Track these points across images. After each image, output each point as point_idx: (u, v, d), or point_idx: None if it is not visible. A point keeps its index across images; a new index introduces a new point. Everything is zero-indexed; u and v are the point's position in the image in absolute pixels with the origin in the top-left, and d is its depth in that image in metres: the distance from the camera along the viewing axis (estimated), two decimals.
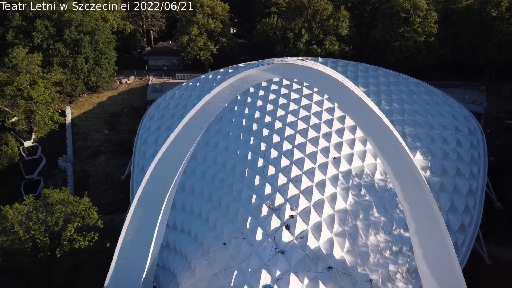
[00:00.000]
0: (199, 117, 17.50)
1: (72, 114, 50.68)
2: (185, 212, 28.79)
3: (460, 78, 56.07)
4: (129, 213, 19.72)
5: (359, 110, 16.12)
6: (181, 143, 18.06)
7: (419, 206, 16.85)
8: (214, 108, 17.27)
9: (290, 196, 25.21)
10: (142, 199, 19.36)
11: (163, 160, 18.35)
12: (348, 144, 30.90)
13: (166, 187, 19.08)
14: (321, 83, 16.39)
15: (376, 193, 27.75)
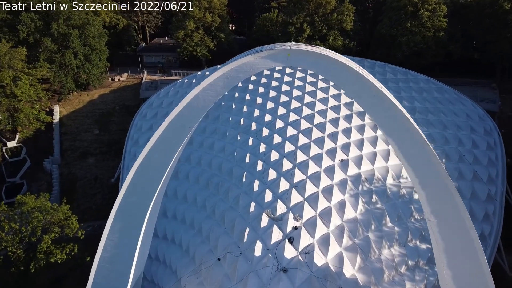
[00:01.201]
0: (187, 114, 14.69)
1: (61, 113, 47.82)
2: (176, 220, 25.96)
3: (469, 76, 53.33)
4: (106, 227, 16.90)
5: (379, 106, 13.32)
6: (166, 145, 15.25)
7: (449, 221, 14.06)
8: (204, 103, 14.46)
9: (293, 204, 22.40)
10: (121, 210, 16.57)
11: (144, 165, 15.55)
12: (356, 145, 28.13)
13: (149, 196, 16.27)
14: (332, 72, 13.59)
15: (389, 200, 24.95)
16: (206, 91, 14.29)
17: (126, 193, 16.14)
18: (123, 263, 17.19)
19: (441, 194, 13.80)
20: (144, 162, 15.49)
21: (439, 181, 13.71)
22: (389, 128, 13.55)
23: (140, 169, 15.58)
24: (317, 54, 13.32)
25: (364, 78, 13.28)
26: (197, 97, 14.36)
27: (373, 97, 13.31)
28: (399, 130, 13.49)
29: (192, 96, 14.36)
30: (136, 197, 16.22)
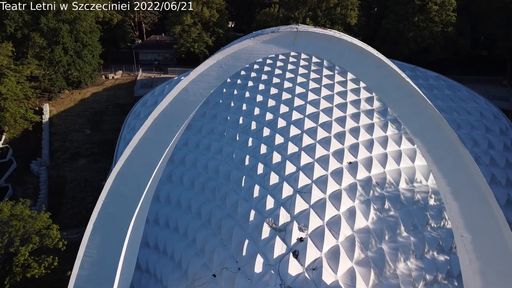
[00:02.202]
0: (174, 110, 12.38)
1: (51, 112, 45.48)
2: (169, 229, 23.64)
3: (478, 73, 51.05)
4: (82, 243, 14.58)
5: (405, 100, 11.02)
6: (150, 148, 12.93)
7: (488, 238, 11.74)
8: (195, 97, 12.15)
9: (297, 212, 20.10)
10: (100, 222, 14.24)
11: (124, 172, 13.25)
12: (366, 146, 25.81)
13: (131, 206, 13.96)
14: (348, 60, 11.29)
15: (403, 206, 22.63)
16: (196, 83, 12.00)
17: (105, 203, 13.82)
18: (104, 283, 14.85)
19: (478, 207, 11.50)
20: (124, 168, 13.19)
21: (476, 191, 11.40)
22: (416, 126, 11.24)
23: (119, 176, 13.27)
24: (329, 37, 11.04)
25: (387, 66, 10.99)
26: (186, 91, 12.06)
27: (398, 89, 11.01)
28: (428, 129, 11.19)
29: (179, 90, 12.06)
30: (116, 208, 13.90)
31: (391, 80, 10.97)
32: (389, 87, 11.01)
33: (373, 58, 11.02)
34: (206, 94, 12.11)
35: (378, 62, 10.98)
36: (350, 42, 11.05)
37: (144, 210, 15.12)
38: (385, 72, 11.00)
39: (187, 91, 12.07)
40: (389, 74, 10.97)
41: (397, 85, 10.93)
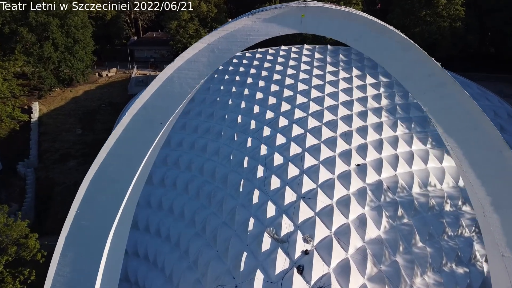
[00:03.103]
0: (157, 104, 10.33)
1: (40, 111, 43.42)
2: (160, 237, 21.59)
3: (486, 70, 49.01)
4: (54, 259, 12.52)
5: (437, 91, 8.98)
6: (130, 148, 10.87)
7: None
8: (182, 88, 10.10)
9: (302, 221, 18.04)
10: (73, 237, 12.19)
11: (100, 177, 11.18)
12: (374, 146, 23.76)
13: (109, 217, 11.88)
14: (367, 41, 9.26)
15: (417, 213, 20.56)
16: (183, 71, 9.96)
17: (78, 215, 11.77)
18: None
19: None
20: (99, 174, 11.14)
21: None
22: (451, 124, 9.19)
23: (94, 183, 11.23)
24: (345, 14, 9.01)
25: (415, 49, 8.96)
26: (171, 81, 10.02)
27: (429, 78, 8.97)
28: (466, 128, 9.14)
29: (163, 79, 10.01)
30: (92, 220, 11.83)
31: (421, 66, 8.94)
32: (417, 75, 8.97)
33: (398, 40, 9.00)
34: (195, 84, 10.06)
35: (404, 44, 8.97)
36: (370, 20, 9.03)
37: (126, 221, 13.03)
38: (413, 56, 8.98)
39: (172, 81, 10.04)
40: (418, 59, 8.96)
41: (428, 72, 8.91)
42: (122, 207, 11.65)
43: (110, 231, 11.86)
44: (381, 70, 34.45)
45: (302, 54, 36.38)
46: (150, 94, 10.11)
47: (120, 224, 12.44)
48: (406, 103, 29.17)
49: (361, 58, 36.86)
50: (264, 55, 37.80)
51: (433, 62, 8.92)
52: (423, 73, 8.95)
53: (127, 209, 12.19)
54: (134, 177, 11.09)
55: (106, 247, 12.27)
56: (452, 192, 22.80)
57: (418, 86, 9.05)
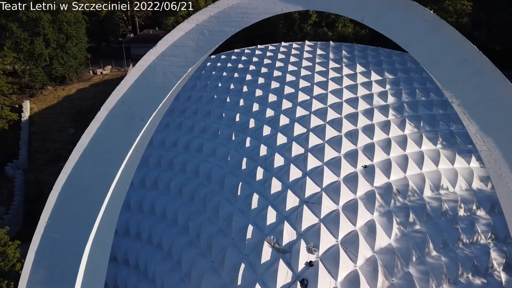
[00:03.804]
0: (137, 97, 8.74)
1: (31, 109, 41.82)
2: (152, 245, 20.01)
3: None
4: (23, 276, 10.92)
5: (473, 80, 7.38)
6: (107, 149, 9.28)
7: None
8: (166, 78, 8.50)
9: (305, 228, 16.47)
10: (44, 251, 10.60)
11: (73, 182, 9.60)
12: (382, 147, 22.21)
13: (85, 228, 10.29)
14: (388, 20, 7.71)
15: (429, 219, 18.98)
16: (167, 58, 8.38)
17: (49, 226, 10.20)
18: None
19: None
20: (72, 179, 9.56)
21: None
22: (489, 121, 7.58)
23: (66, 190, 9.65)
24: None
25: (447, 29, 7.40)
26: (153, 69, 8.45)
27: (463, 64, 7.40)
28: (507, 124, 7.53)
29: (144, 67, 8.43)
30: (65, 231, 10.24)
31: (453, 49, 7.37)
32: (449, 61, 7.38)
33: (425, 18, 7.43)
34: (181, 73, 8.47)
35: (433, 23, 7.40)
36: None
37: (107, 232, 11.41)
38: (443, 37, 7.41)
39: (155, 69, 8.47)
40: (450, 41, 7.39)
41: (462, 57, 7.34)
42: (100, 216, 10.06)
43: (87, 244, 10.26)
44: (386, 66, 32.95)
45: (303, 51, 34.91)
46: (129, 85, 8.55)
47: (100, 236, 10.81)
48: (414, 100, 27.71)
49: (365, 55, 35.36)
50: (263, 52, 36.38)
51: (468, 45, 7.36)
52: (456, 59, 7.39)
53: (107, 218, 10.58)
54: (112, 182, 9.50)
55: (83, 262, 10.66)
56: (466, 196, 21.26)
57: (449, 74, 7.44)
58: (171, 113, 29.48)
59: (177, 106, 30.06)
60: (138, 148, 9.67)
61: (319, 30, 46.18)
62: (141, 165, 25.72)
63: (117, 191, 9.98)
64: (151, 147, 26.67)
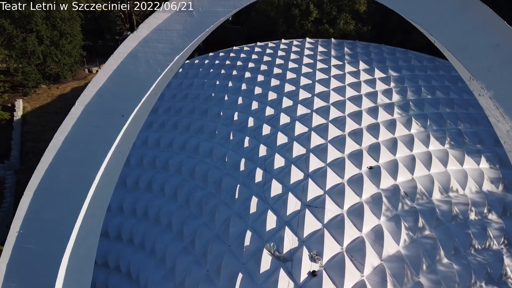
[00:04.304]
0: (117, 89, 7.60)
1: (24, 108, 40.64)
2: (145, 251, 18.87)
3: None
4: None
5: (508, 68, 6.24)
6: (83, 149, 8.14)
7: None
8: (150, 67, 7.34)
9: (308, 234, 15.33)
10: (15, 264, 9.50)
11: (46, 187, 8.47)
12: (387, 146, 21.11)
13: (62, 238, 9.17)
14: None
15: (439, 223, 17.87)
16: (150, 44, 7.25)
17: (21, 236, 9.10)
18: None
19: None
20: (45, 183, 8.43)
21: None
22: None
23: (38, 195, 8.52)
24: None
25: (479, 7, 6.25)
26: (134, 57, 7.34)
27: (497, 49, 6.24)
28: None
29: (125, 55, 7.31)
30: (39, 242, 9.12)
31: (485, 32, 6.25)
32: (479, 45, 6.23)
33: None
34: (167, 62, 7.32)
35: (463, 1, 6.27)
36: None
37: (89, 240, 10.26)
38: (473, 17, 6.26)
39: (137, 57, 7.34)
40: (481, 21, 6.26)
41: (495, 40, 6.22)
42: (79, 225, 8.92)
43: (63, 254, 9.13)
44: (390, 64, 31.90)
45: (304, 48, 33.86)
46: (107, 76, 7.42)
47: (80, 247, 9.67)
48: (420, 98, 26.66)
49: (367, 52, 34.31)
50: (263, 49, 35.33)
51: (504, 26, 6.22)
52: (488, 42, 6.26)
53: (87, 227, 9.43)
54: (91, 187, 8.36)
55: (60, 275, 9.53)
56: (476, 198, 20.17)
57: (480, 61, 6.29)
58: (167, 112, 28.46)
59: (173, 105, 29.02)
60: (120, 148, 8.52)
61: (320, 27, 45.00)
62: (135, 166, 24.81)
63: (98, 197, 8.84)
64: (146, 147, 25.63)
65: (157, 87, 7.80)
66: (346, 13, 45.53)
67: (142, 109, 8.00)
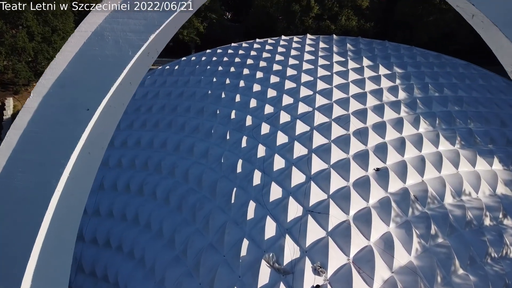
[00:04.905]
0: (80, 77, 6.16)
1: (15, 107, 39.25)
2: (134, 260, 17.45)
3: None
4: None
5: None
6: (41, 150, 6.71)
7: None
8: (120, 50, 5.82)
9: (311, 244, 13.94)
10: None
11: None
12: (395, 147, 19.74)
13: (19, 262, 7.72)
14: None
15: (453, 230, 16.48)
16: (120, 19, 5.82)
17: None
18: None
19: None
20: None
21: None
22: None
23: None
24: None
25: None
26: (101, 37, 5.92)
27: None
28: None
29: (87, 35, 5.89)
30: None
31: None
32: None
33: None
34: (140, 42, 5.89)
35: None
36: None
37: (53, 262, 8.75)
38: None
39: (103, 37, 5.95)
40: None
41: None
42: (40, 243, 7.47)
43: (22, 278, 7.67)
44: (395, 60, 30.53)
45: (305, 44, 32.51)
46: (68, 61, 6.01)
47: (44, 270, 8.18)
48: (427, 96, 25.32)
49: (371, 48, 32.92)
50: (262, 45, 33.98)
51: None
52: None
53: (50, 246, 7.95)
54: (52, 195, 6.94)
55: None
56: (490, 203, 18.79)
57: None
58: (161, 111, 27.09)
59: (168, 103, 27.64)
60: (90, 149, 7.10)
61: (321, 24, 43.64)
62: (127, 168, 23.38)
63: (64, 208, 7.41)
64: (139, 148, 24.25)
65: (132, 74, 6.39)
66: (348, 9, 44.15)
67: (113, 101, 6.60)
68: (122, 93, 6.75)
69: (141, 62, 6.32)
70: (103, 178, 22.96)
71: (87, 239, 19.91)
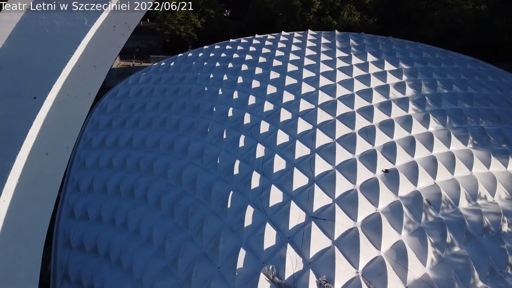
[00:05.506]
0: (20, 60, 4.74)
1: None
2: (122, 269, 16.04)
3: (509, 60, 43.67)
4: None
5: None
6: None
7: None
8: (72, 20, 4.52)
9: (315, 254, 12.54)
10: None
11: None
12: (404, 146, 18.37)
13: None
14: None
15: (470, 238, 15.06)
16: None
17: None
18: None
19: None
20: None
21: None
22: None
23: None
24: None
25: None
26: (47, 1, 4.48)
27: None
28: None
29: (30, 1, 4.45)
30: None
31: None
32: None
33: None
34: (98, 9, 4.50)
35: None
36: None
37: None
38: None
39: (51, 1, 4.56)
40: None
41: None
42: None
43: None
44: (400, 56, 29.18)
45: (306, 39, 31.24)
46: (7, 35, 4.62)
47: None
48: (435, 93, 24.00)
49: (375, 44, 31.58)
50: (262, 41, 32.74)
51: None
52: None
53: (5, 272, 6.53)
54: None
55: None
56: (508, 207, 17.40)
57: None
58: (155, 108, 25.71)
59: (163, 100, 26.28)
60: (47, 148, 5.67)
61: (322, 19, 42.29)
62: (118, 169, 21.94)
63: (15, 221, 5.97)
64: (131, 148, 22.87)
65: (95, 54, 4.98)
66: (350, 4, 42.81)
67: (72, 89, 5.18)
68: (83, 79, 5.36)
69: (105, 38, 4.93)
70: (93, 180, 21.63)
71: (74, 245, 18.59)
